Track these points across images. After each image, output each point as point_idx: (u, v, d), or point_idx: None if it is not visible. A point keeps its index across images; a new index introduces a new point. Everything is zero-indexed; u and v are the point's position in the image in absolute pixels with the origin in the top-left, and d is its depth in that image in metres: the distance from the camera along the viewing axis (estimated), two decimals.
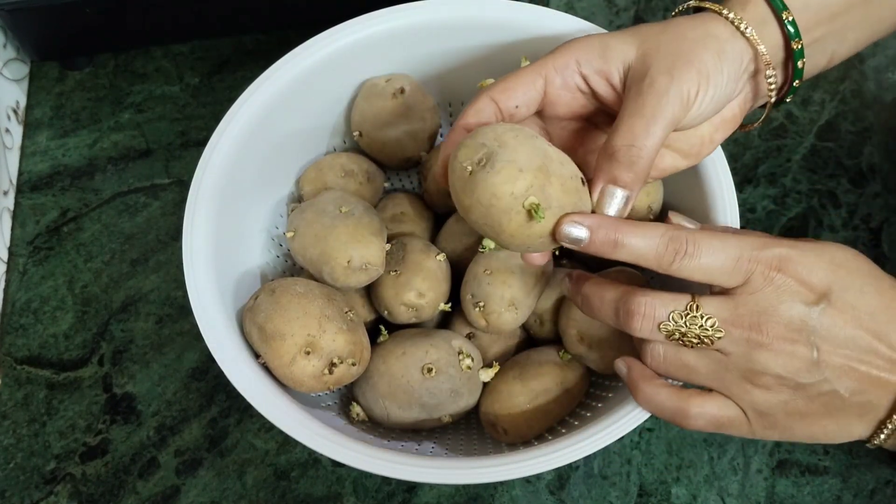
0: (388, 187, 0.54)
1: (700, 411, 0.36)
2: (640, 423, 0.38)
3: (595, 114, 0.40)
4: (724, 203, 0.43)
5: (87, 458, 0.51)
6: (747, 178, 0.59)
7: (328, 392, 0.46)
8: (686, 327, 0.34)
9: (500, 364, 0.45)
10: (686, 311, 0.34)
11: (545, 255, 0.37)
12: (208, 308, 0.40)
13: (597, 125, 0.41)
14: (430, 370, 0.43)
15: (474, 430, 0.47)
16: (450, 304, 0.46)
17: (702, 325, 0.34)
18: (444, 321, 0.50)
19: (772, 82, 0.38)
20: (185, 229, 0.42)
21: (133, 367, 0.53)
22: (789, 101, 0.41)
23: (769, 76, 0.38)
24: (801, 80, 0.39)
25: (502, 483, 0.49)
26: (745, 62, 0.37)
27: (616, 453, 0.50)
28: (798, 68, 0.39)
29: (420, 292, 0.45)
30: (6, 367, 0.54)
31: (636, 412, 0.38)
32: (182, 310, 0.55)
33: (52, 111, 0.63)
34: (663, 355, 0.36)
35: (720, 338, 0.34)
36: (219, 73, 0.65)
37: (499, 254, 0.45)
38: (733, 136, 0.52)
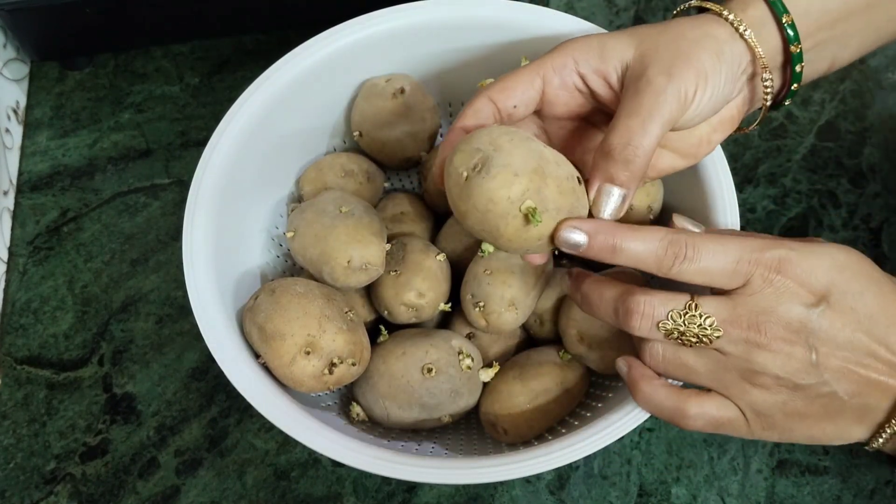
0: (388, 187, 0.54)
1: (699, 411, 0.36)
2: (640, 423, 0.38)
3: (593, 113, 0.40)
4: (724, 203, 0.43)
5: (87, 458, 0.51)
6: (747, 178, 0.59)
7: (328, 392, 0.46)
8: (685, 326, 0.34)
9: (500, 364, 0.45)
10: (685, 310, 0.34)
11: (545, 255, 0.37)
12: (208, 308, 0.40)
13: (595, 124, 0.41)
14: (430, 370, 0.43)
15: (474, 430, 0.47)
16: (450, 304, 0.46)
17: (700, 325, 0.34)
18: (444, 321, 0.50)
19: (768, 86, 0.38)
20: (185, 229, 0.42)
21: (133, 367, 0.53)
22: (788, 103, 0.41)
23: (765, 80, 0.38)
24: (800, 83, 0.39)
25: (502, 483, 0.49)
26: (743, 64, 0.37)
27: (616, 453, 0.50)
28: (796, 72, 0.39)
29: (420, 292, 0.45)
30: (6, 367, 0.54)
31: (636, 412, 0.38)
32: (182, 310, 0.55)
33: (52, 111, 0.63)
34: (662, 354, 0.36)
35: (718, 337, 0.34)
36: (219, 73, 0.65)
37: (499, 253, 0.45)
38: (733, 137, 0.52)
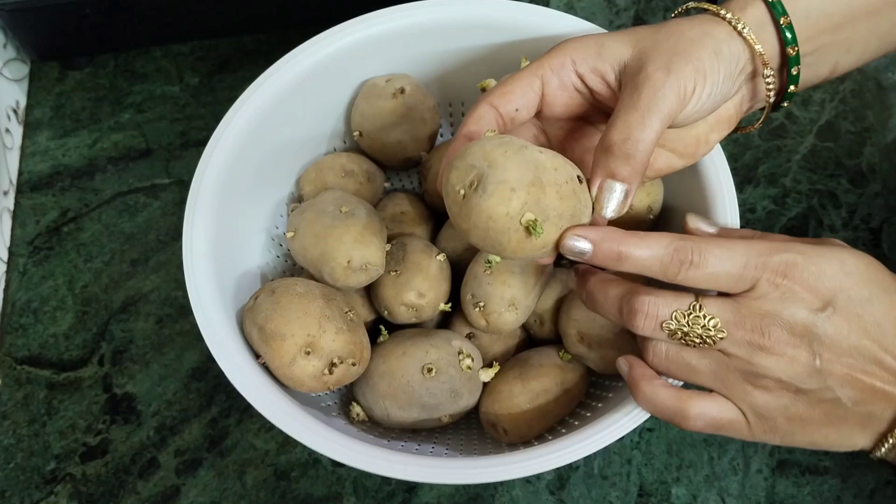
0: (388, 187, 0.54)
1: (700, 412, 0.35)
2: (640, 423, 0.38)
3: (592, 113, 0.40)
4: (724, 203, 0.42)
5: (87, 458, 0.51)
6: (747, 178, 0.59)
7: (328, 392, 0.46)
8: (689, 327, 0.34)
9: (500, 364, 0.45)
10: (689, 310, 0.34)
11: (553, 254, 0.37)
12: (208, 308, 0.40)
13: (594, 124, 0.41)
14: (430, 370, 0.43)
15: (474, 430, 0.47)
16: (450, 304, 0.46)
17: (704, 326, 0.34)
18: (444, 321, 0.50)
19: (770, 82, 0.38)
20: (185, 229, 0.42)
21: (133, 367, 0.53)
22: (786, 105, 0.41)
23: (767, 76, 0.38)
24: (798, 87, 0.39)
25: (502, 483, 0.49)
26: (741, 63, 0.37)
27: (616, 453, 0.50)
28: (793, 75, 0.39)
29: (420, 292, 0.45)
30: (6, 367, 0.54)
31: (636, 412, 0.38)
32: (182, 310, 0.55)
33: (52, 111, 0.63)
34: (665, 353, 0.36)
35: (722, 338, 0.34)
36: (219, 73, 0.65)
37: None
38: (733, 136, 0.52)
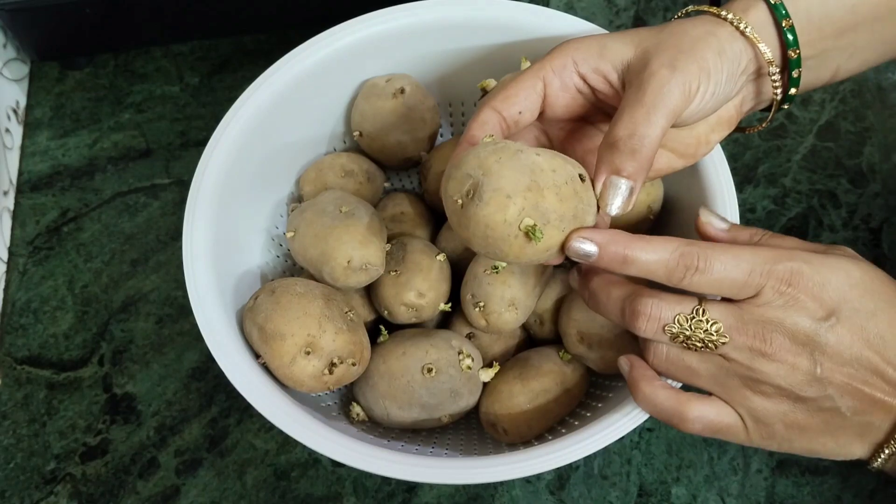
0: (388, 187, 0.54)
1: (698, 415, 0.35)
2: (640, 423, 0.38)
3: (593, 113, 0.40)
4: (724, 203, 0.42)
5: (87, 458, 0.51)
6: (747, 178, 0.59)
7: (328, 392, 0.46)
8: (691, 331, 0.34)
9: (500, 364, 0.45)
10: (692, 314, 0.34)
11: (560, 256, 0.37)
12: (208, 308, 0.40)
13: (594, 124, 0.41)
14: (430, 370, 0.43)
15: (474, 430, 0.47)
16: (450, 304, 0.46)
17: (706, 330, 0.34)
18: (444, 321, 0.50)
19: (776, 79, 0.38)
20: (185, 229, 0.42)
21: (133, 367, 0.53)
22: (786, 107, 0.41)
23: (772, 73, 0.38)
24: (798, 89, 0.39)
25: (502, 483, 0.49)
26: (743, 63, 0.37)
27: (616, 453, 0.50)
28: (793, 77, 0.39)
29: (420, 292, 0.45)
30: (6, 367, 0.54)
31: (636, 412, 0.38)
32: (182, 310, 0.55)
33: (52, 111, 0.63)
34: (666, 355, 0.36)
35: (724, 343, 0.34)
36: (219, 73, 0.65)
37: None
38: (733, 136, 0.52)
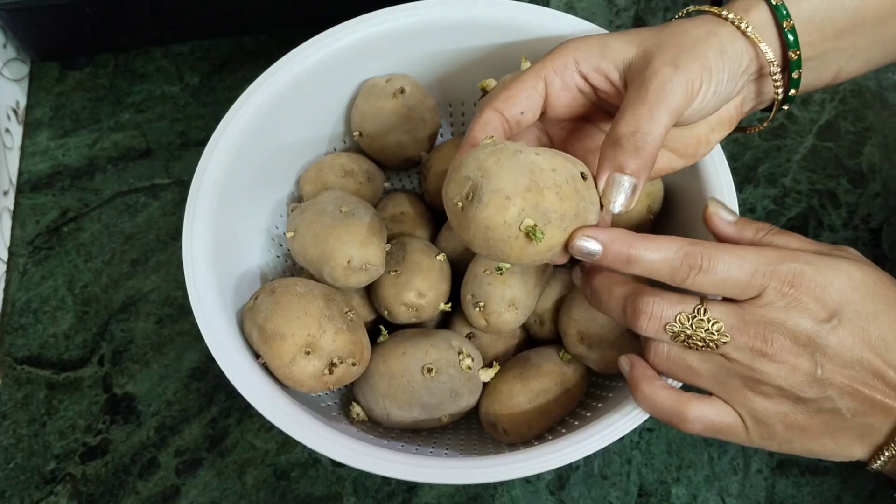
0: (388, 187, 0.54)
1: (698, 415, 0.35)
2: (640, 423, 0.38)
3: (594, 113, 0.40)
4: (725, 203, 0.42)
5: (87, 458, 0.51)
6: (747, 178, 0.59)
7: (328, 392, 0.46)
8: (692, 330, 0.34)
9: (500, 364, 0.45)
10: (694, 313, 0.34)
11: (564, 255, 0.37)
12: (208, 308, 0.40)
13: (595, 124, 0.41)
14: (430, 370, 0.43)
15: (474, 430, 0.47)
16: (450, 304, 0.46)
17: (708, 329, 0.34)
18: (444, 321, 0.50)
19: (777, 79, 0.38)
20: (185, 229, 0.42)
21: (133, 367, 0.53)
22: (786, 108, 0.41)
23: (773, 73, 0.38)
24: (798, 90, 0.39)
25: (502, 483, 0.49)
26: (744, 63, 0.37)
27: (616, 453, 0.50)
28: (793, 78, 0.39)
29: (420, 292, 0.45)
30: (6, 367, 0.54)
31: (636, 412, 0.38)
32: (182, 310, 0.55)
33: (52, 111, 0.63)
34: (667, 354, 0.36)
35: (725, 343, 0.34)
36: (219, 73, 0.65)
37: None
38: (733, 136, 0.52)
